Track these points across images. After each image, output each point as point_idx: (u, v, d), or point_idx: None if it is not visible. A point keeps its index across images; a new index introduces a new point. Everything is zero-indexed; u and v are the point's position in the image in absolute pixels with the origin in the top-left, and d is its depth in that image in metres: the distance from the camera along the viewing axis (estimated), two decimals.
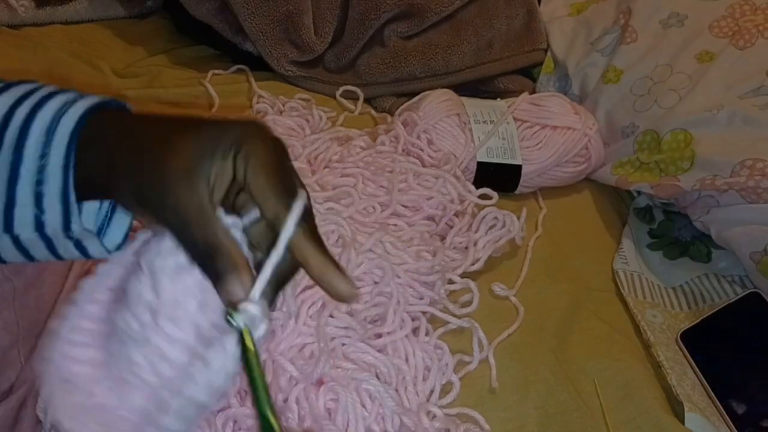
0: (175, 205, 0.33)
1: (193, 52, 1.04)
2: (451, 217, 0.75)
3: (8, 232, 0.38)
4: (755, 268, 0.72)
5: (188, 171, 0.33)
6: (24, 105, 0.38)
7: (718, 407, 0.67)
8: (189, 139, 0.34)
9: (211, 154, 0.34)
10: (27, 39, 0.99)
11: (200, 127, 0.35)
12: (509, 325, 0.68)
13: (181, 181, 0.33)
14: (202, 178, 0.34)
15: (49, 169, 0.36)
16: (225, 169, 0.34)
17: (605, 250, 0.82)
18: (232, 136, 0.34)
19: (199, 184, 0.33)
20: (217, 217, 0.34)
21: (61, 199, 0.37)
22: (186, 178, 0.33)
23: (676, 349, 0.71)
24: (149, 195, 0.34)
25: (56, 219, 0.38)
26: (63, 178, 0.36)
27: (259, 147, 0.35)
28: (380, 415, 0.57)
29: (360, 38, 0.96)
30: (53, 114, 0.38)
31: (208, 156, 0.34)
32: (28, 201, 0.37)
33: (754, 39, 0.83)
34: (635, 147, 0.85)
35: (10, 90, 0.39)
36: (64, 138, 0.37)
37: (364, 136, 0.83)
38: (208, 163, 0.34)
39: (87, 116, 0.38)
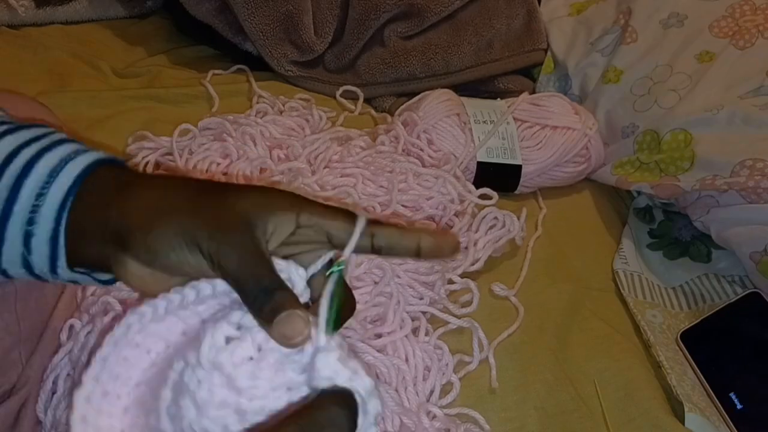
0: (239, 244, 0.34)
1: (193, 52, 1.04)
2: (451, 217, 0.75)
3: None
4: (755, 268, 0.72)
5: (249, 222, 0.35)
6: (31, 147, 0.38)
7: (718, 407, 0.67)
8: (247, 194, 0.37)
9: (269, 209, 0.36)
10: (27, 39, 0.99)
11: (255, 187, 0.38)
12: (509, 325, 0.68)
13: (242, 225, 0.35)
14: (259, 227, 0.35)
15: (43, 209, 0.36)
16: (284, 225, 0.36)
17: (605, 250, 0.82)
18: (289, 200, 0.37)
19: (258, 230, 0.35)
20: (272, 262, 0.36)
21: (50, 243, 0.37)
22: (246, 224, 0.35)
23: (676, 349, 0.71)
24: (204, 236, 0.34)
25: (43, 261, 0.37)
26: (56, 220, 0.36)
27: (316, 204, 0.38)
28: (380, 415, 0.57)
29: (360, 38, 0.96)
30: (61, 157, 0.38)
31: (267, 210, 0.36)
32: (17, 240, 0.37)
33: (754, 39, 0.83)
34: (635, 147, 0.85)
35: (20, 132, 0.39)
36: (68, 181, 0.37)
37: (364, 136, 0.83)
38: (267, 216, 0.36)
39: (95, 166, 0.38)
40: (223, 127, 0.81)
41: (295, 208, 0.37)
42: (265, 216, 0.36)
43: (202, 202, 0.36)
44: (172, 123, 0.82)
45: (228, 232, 0.35)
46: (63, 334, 0.59)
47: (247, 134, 0.80)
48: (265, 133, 0.81)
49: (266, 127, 0.82)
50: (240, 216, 0.35)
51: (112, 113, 0.86)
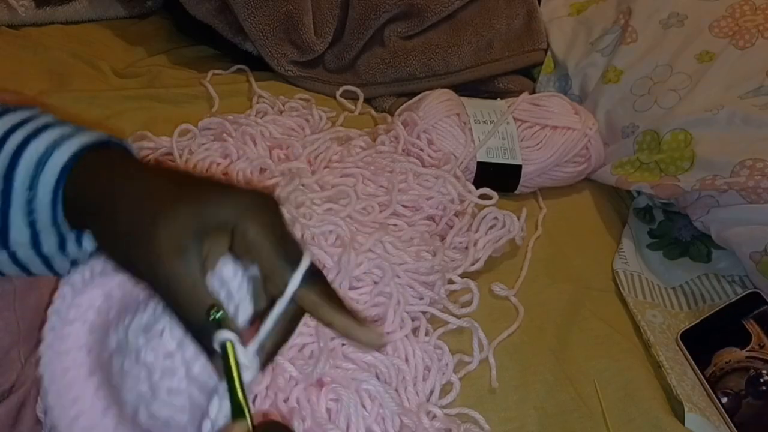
0: (167, 280, 0.33)
1: (193, 52, 1.04)
2: (451, 217, 0.75)
3: (5, 248, 0.38)
4: (755, 268, 0.72)
5: (179, 248, 0.33)
6: (17, 133, 0.38)
7: (718, 407, 0.67)
8: (183, 212, 0.34)
9: (204, 231, 0.34)
10: (27, 39, 0.99)
11: (197, 197, 0.34)
12: (509, 325, 0.68)
13: (172, 256, 0.33)
14: (193, 254, 0.33)
15: (36, 202, 0.36)
16: (220, 240, 0.34)
17: (605, 250, 0.82)
18: (229, 211, 0.34)
19: (191, 259, 0.33)
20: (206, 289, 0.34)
21: (54, 229, 0.37)
22: (178, 254, 0.33)
23: (676, 349, 0.71)
24: (139, 262, 0.33)
25: (51, 242, 0.38)
26: (51, 213, 0.36)
27: (258, 222, 0.34)
28: (380, 415, 0.57)
29: (360, 38, 0.96)
30: (46, 146, 0.37)
31: (201, 233, 0.33)
32: (23, 224, 0.37)
33: (754, 39, 0.83)
34: (635, 147, 0.85)
35: (5, 116, 0.39)
36: (54, 174, 0.36)
37: (364, 136, 0.83)
38: (199, 241, 0.33)
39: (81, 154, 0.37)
40: (223, 127, 0.81)
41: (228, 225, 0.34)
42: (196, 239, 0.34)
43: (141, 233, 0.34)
44: (172, 123, 0.82)
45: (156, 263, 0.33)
46: None
47: (247, 134, 0.80)
48: (265, 133, 0.81)
49: (266, 127, 0.82)
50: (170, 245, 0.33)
51: (112, 113, 0.86)
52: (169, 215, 0.34)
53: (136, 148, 0.41)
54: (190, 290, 0.33)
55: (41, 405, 0.55)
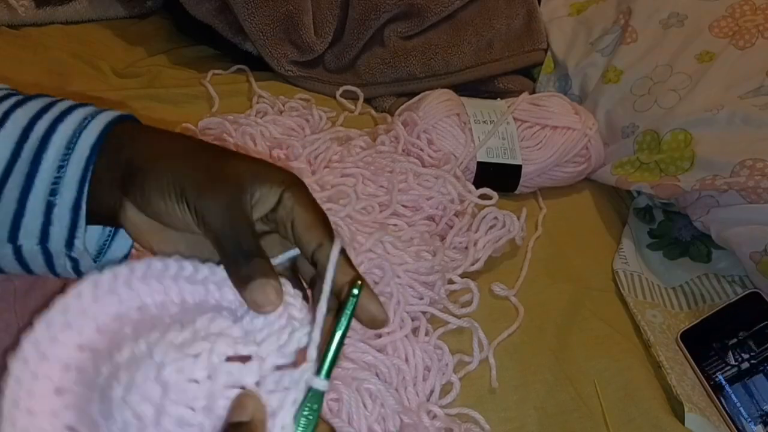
0: (225, 204, 0.35)
1: (193, 52, 1.04)
2: (451, 217, 0.75)
3: (12, 242, 0.39)
4: (755, 268, 0.72)
5: (240, 185, 0.35)
6: (44, 119, 0.39)
7: (718, 407, 0.67)
8: (243, 160, 0.37)
9: (261, 180, 0.36)
10: (27, 39, 0.99)
11: (253, 158, 0.38)
12: (509, 325, 0.68)
13: (232, 188, 0.35)
14: (247, 192, 0.35)
15: (65, 180, 0.37)
16: (269, 196, 0.36)
17: (605, 250, 0.82)
18: (282, 175, 0.37)
19: (246, 195, 0.35)
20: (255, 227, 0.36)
21: (72, 211, 0.38)
22: (234, 187, 0.35)
23: (676, 349, 0.71)
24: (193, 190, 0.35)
25: (62, 232, 0.38)
26: (78, 190, 0.37)
27: (305, 190, 0.37)
28: (381, 414, 0.57)
29: (360, 38, 0.96)
30: (75, 127, 0.38)
31: (258, 178, 0.36)
32: (39, 211, 0.38)
33: (754, 39, 0.83)
34: (635, 147, 0.85)
35: (28, 103, 0.40)
36: (84, 151, 0.37)
37: (364, 136, 0.83)
38: (255, 184, 0.36)
39: (107, 130, 0.38)
40: (223, 127, 0.81)
41: (283, 185, 0.36)
42: (254, 183, 0.36)
43: (199, 157, 0.37)
44: (172, 123, 0.82)
45: (216, 191, 0.35)
46: None
47: (247, 134, 0.80)
48: (265, 133, 0.81)
49: (266, 127, 0.82)
50: (230, 177, 0.36)
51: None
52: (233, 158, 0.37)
53: None
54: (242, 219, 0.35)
55: None
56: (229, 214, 0.35)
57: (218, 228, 0.35)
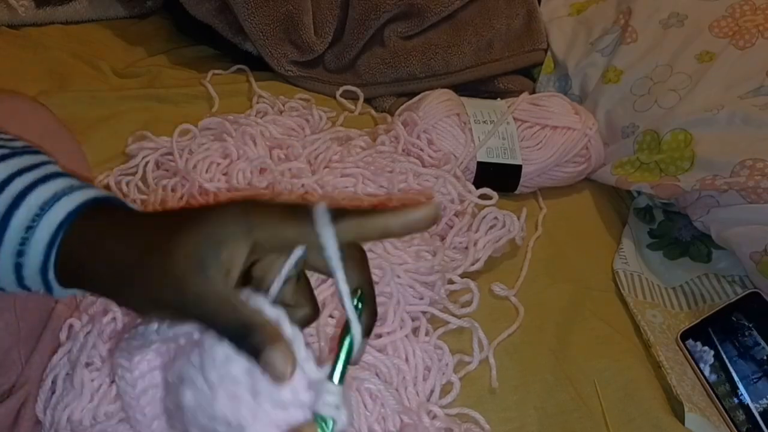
0: (196, 298, 0.33)
1: (193, 52, 1.04)
2: (451, 217, 0.75)
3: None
4: (755, 268, 0.72)
5: (198, 263, 0.33)
6: (25, 176, 0.38)
7: (718, 407, 0.67)
8: (191, 233, 0.34)
9: (218, 241, 0.34)
10: (27, 39, 0.99)
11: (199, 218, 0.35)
12: (509, 325, 0.68)
13: (193, 274, 0.33)
14: (212, 265, 0.33)
15: (32, 242, 0.36)
16: (238, 248, 0.34)
17: (605, 250, 0.82)
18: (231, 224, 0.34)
19: (210, 270, 0.33)
20: (239, 297, 0.34)
21: (40, 274, 0.37)
22: (197, 269, 0.33)
23: (676, 349, 0.71)
24: (165, 296, 0.34)
25: (37, 286, 0.38)
26: (45, 255, 0.36)
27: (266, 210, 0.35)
28: (382, 414, 0.57)
29: (360, 38, 0.96)
30: (54, 192, 0.37)
31: (215, 243, 0.34)
32: (9, 268, 0.37)
33: (754, 39, 0.83)
34: (635, 147, 0.85)
35: (13, 159, 0.39)
36: (57, 217, 0.36)
37: (364, 136, 0.83)
38: (217, 250, 0.34)
39: (87, 206, 0.37)
40: (223, 127, 0.81)
41: (243, 229, 0.34)
42: (214, 251, 0.34)
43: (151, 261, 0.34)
44: (172, 123, 0.82)
45: (181, 288, 0.33)
46: (62, 333, 0.59)
47: (247, 134, 0.80)
48: (265, 133, 0.81)
49: (266, 127, 0.82)
50: (188, 265, 0.33)
51: (112, 113, 0.86)
52: (181, 239, 0.34)
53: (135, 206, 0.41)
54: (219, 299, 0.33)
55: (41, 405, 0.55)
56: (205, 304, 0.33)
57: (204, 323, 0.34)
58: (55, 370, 0.57)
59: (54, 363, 0.57)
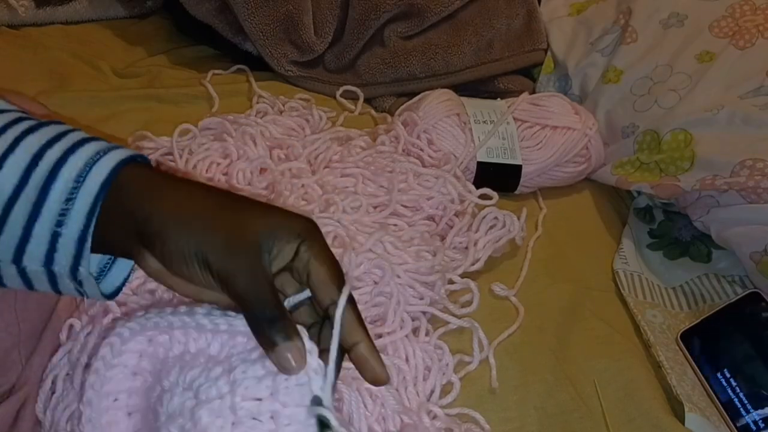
0: (247, 270, 0.36)
1: (193, 52, 1.04)
2: (451, 217, 0.75)
3: (16, 264, 0.39)
4: (755, 268, 0.72)
5: (259, 247, 0.36)
6: (55, 148, 0.39)
7: (718, 407, 0.67)
8: (260, 215, 0.38)
9: (277, 234, 0.37)
10: (27, 39, 0.99)
11: (270, 209, 0.39)
12: (509, 325, 0.68)
13: (252, 250, 0.36)
14: (266, 251, 0.37)
15: (72, 212, 0.37)
16: (286, 250, 0.38)
17: (605, 250, 0.82)
18: (299, 227, 0.38)
19: (265, 255, 0.37)
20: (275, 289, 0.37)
21: (77, 243, 0.38)
22: (255, 249, 0.36)
23: (676, 349, 0.71)
24: (215, 258, 0.36)
25: (67, 259, 0.38)
26: (85, 224, 0.38)
27: (322, 242, 0.39)
28: (382, 414, 0.57)
29: (360, 38, 0.96)
30: (85, 161, 0.38)
31: (276, 234, 0.37)
32: (44, 238, 0.38)
33: (754, 39, 0.83)
34: (635, 147, 0.85)
35: (40, 130, 0.40)
36: (94, 187, 0.38)
37: (364, 136, 0.83)
38: (273, 241, 0.37)
39: (118, 169, 0.39)
40: (223, 127, 0.81)
41: (299, 238, 0.38)
42: (271, 240, 0.37)
43: (217, 218, 0.37)
44: (172, 123, 0.82)
45: (237, 255, 0.36)
46: (62, 334, 0.59)
47: (247, 134, 0.79)
48: (265, 133, 0.81)
49: (266, 127, 0.82)
50: (250, 239, 0.36)
51: (112, 113, 0.86)
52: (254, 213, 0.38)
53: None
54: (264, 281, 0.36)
55: (41, 405, 0.55)
56: (251, 280, 0.36)
57: (241, 294, 0.36)
58: (55, 371, 0.57)
59: (54, 363, 0.57)
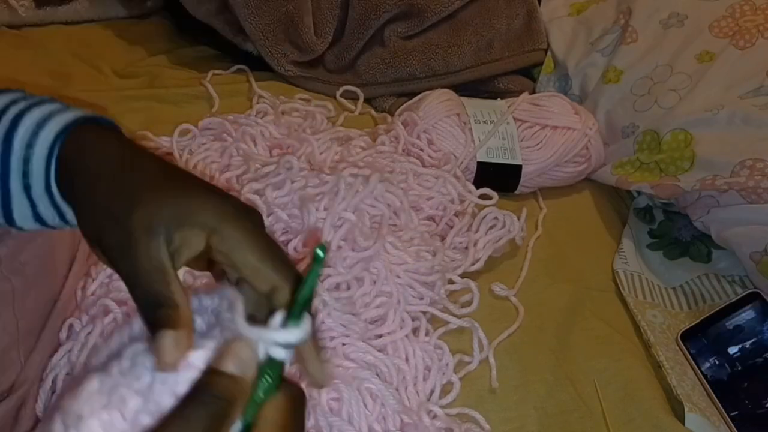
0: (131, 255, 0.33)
1: (193, 52, 1.04)
2: (451, 217, 0.75)
3: (11, 225, 0.40)
4: (755, 268, 0.72)
5: (149, 228, 0.33)
6: (19, 103, 0.39)
7: (718, 407, 0.67)
8: (164, 199, 0.35)
9: (179, 223, 0.34)
10: (27, 39, 0.99)
11: (182, 190, 0.35)
12: (509, 325, 0.68)
13: (141, 234, 0.33)
14: (160, 237, 0.33)
15: (33, 160, 0.38)
16: (193, 239, 0.34)
17: (605, 250, 0.82)
18: (210, 215, 0.34)
19: (156, 241, 0.33)
20: (175, 277, 0.34)
21: (47, 198, 0.38)
22: (146, 233, 0.33)
23: (676, 349, 0.71)
24: (110, 240, 0.34)
25: (49, 211, 0.39)
26: (45, 171, 0.37)
27: (239, 227, 0.34)
28: (382, 414, 0.57)
29: (360, 38, 0.96)
30: (48, 112, 0.39)
31: (175, 222, 0.34)
32: (21, 194, 0.38)
33: (754, 39, 0.83)
34: (635, 147, 0.85)
35: (8, 93, 0.41)
36: (51, 133, 0.38)
37: (364, 136, 0.83)
38: (170, 230, 0.34)
39: (79, 123, 0.38)
40: (223, 127, 0.81)
41: (206, 228, 0.34)
42: (170, 227, 0.34)
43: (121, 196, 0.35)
44: (172, 123, 0.82)
45: (129, 238, 0.33)
46: (62, 333, 0.59)
47: (247, 134, 0.80)
48: (265, 133, 0.81)
49: (266, 127, 0.82)
50: (144, 222, 0.34)
51: (112, 113, 0.86)
52: (149, 197, 0.34)
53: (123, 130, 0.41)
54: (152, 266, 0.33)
55: (41, 405, 0.55)
56: (137, 263, 0.33)
57: (127, 276, 0.34)
58: (54, 370, 0.57)
59: (54, 363, 0.57)
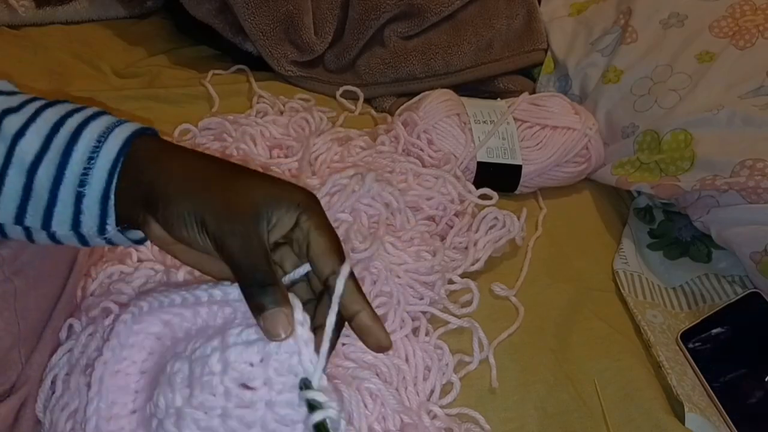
0: (243, 234, 0.36)
1: (193, 52, 1.04)
2: (451, 217, 0.75)
3: (45, 230, 0.41)
4: (755, 268, 0.72)
5: (257, 212, 0.37)
6: (75, 116, 0.41)
7: (718, 407, 0.67)
8: (260, 183, 0.39)
9: (277, 202, 0.38)
10: (27, 39, 0.99)
11: (272, 179, 0.39)
12: (509, 325, 0.68)
13: (249, 215, 0.37)
14: (264, 219, 0.37)
15: (94, 172, 0.39)
16: (285, 219, 0.38)
17: (605, 250, 0.82)
18: (299, 197, 0.39)
19: (263, 222, 0.37)
20: (270, 255, 0.37)
21: (101, 202, 0.39)
22: (253, 214, 0.37)
23: (676, 349, 0.71)
24: (212, 220, 0.37)
25: (93, 221, 0.40)
26: (107, 180, 0.39)
27: (322, 214, 0.39)
28: (382, 414, 0.57)
29: (360, 38, 0.96)
30: (106, 126, 0.40)
31: (275, 203, 0.38)
32: (69, 200, 0.40)
33: (754, 39, 0.83)
34: (635, 147, 0.85)
35: (57, 105, 0.42)
36: (115, 146, 0.39)
37: (364, 137, 0.83)
38: (272, 209, 0.38)
39: (138, 135, 0.40)
40: (223, 127, 0.81)
41: (300, 208, 0.38)
42: (270, 208, 0.37)
43: (217, 183, 0.38)
44: (172, 123, 0.82)
45: (234, 219, 0.36)
46: (62, 333, 0.59)
47: (247, 134, 0.80)
48: (265, 133, 0.81)
49: (266, 127, 0.82)
50: (248, 205, 0.37)
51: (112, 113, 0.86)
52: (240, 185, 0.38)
53: None
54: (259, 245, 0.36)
55: (41, 405, 0.55)
56: (246, 244, 0.36)
57: (235, 257, 0.36)
58: (54, 370, 0.57)
59: (54, 363, 0.57)
